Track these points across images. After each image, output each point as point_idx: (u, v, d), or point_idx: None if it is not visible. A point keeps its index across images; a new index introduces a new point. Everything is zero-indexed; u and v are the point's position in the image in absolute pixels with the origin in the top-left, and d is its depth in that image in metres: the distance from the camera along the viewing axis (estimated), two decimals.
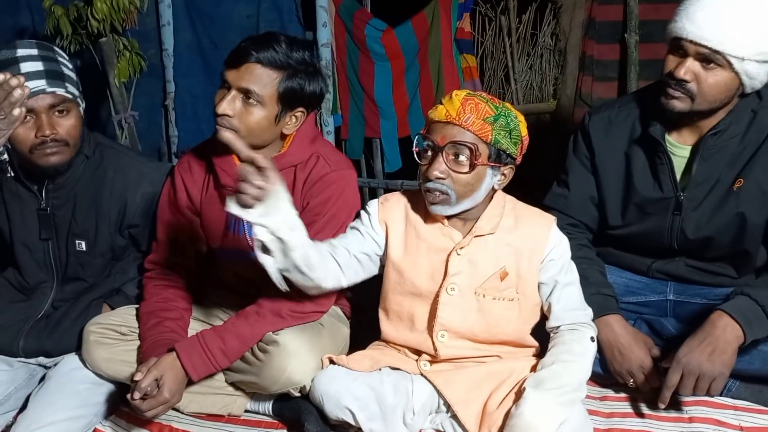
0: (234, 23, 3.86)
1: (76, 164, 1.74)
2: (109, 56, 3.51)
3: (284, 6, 3.83)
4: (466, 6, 3.65)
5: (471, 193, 1.50)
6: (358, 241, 1.60)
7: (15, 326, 1.74)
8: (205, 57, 3.97)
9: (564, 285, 1.58)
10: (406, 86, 3.87)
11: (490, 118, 1.46)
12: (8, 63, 1.59)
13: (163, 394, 1.49)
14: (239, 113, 1.54)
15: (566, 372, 1.47)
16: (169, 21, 3.84)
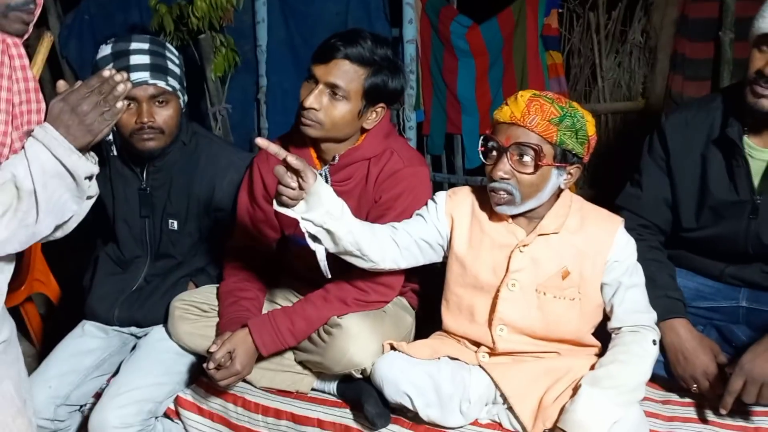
0: (324, 20, 4.00)
1: (174, 150, 1.89)
2: (207, 52, 3.73)
3: (372, 3, 3.93)
4: (554, 2, 3.61)
5: (535, 193, 1.53)
6: (420, 227, 1.65)
7: (111, 297, 1.93)
8: (296, 53, 4.13)
9: (628, 287, 1.57)
10: (489, 83, 3.88)
11: (555, 119, 1.48)
12: (121, 53, 1.75)
13: (235, 366, 1.61)
14: (326, 107, 1.63)
15: (624, 372, 1.47)
16: (264, 18, 4.03)
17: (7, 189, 1.31)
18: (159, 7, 3.61)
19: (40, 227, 1.36)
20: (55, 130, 1.33)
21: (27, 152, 1.32)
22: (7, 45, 1.34)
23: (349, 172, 1.72)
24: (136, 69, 1.74)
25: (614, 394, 1.44)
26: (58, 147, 1.32)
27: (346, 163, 1.71)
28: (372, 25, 3.94)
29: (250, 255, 1.87)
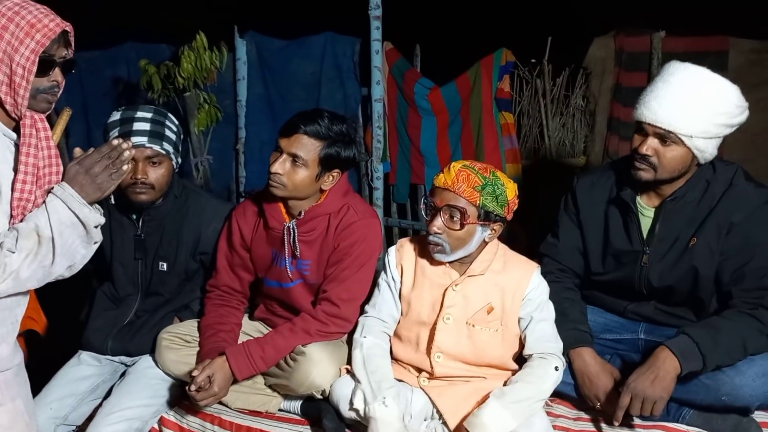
0: (300, 79, 4.37)
1: (166, 202, 2.20)
2: (191, 108, 4.08)
3: (344, 65, 4.32)
4: (506, 69, 4.02)
5: (463, 246, 1.88)
6: (390, 298, 2.01)
7: (105, 330, 2.21)
8: (273, 107, 4.48)
9: (538, 320, 1.91)
10: (449, 138, 4.26)
11: (479, 187, 1.83)
12: (127, 120, 2.08)
13: (213, 388, 1.90)
14: (288, 172, 1.96)
15: (526, 391, 1.80)
16: (244, 76, 4.39)
17: (31, 236, 1.61)
18: (148, 68, 3.96)
19: (55, 268, 1.67)
20: (72, 188, 1.65)
21: (48, 206, 1.63)
22: (35, 120, 1.66)
23: (312, 225, 2.05)
24: (137, 134, 2.06)
25: (514, 408, 1.77)
26: (73, 202, 1.63)
27: (310, 218, 2.04)
28: (343, 84, 4.33)
29: (228, 293, 2.18)
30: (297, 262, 2.06)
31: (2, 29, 1.58)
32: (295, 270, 2.07)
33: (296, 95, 4.41)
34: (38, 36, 1.60)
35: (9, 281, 1.60)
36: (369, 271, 2.03)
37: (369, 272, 2.04)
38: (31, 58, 1.60)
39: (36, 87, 1.62)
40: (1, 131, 1.64)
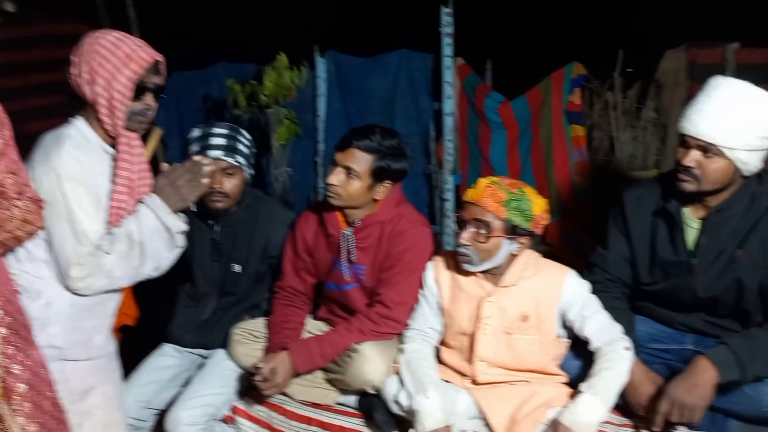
0: (376, 95, 4.57)
1: (240, 209, 2.42)
2: (273, 123, 4.35)
3: (417, 81, 4.47)
4: (577, 82, 4.06)
5: (489, 257, 1.98)
6: (430, 312, 2.13)
7: (186, 325, 2.46)
8: (351, 122, 4.68)
9: (590, 316, 1.99)
10: (519, 151, 4.33)
11: (504, 202, 1.94)
12: (205, 136, 2.32)
13: (276, 379, 2.09)
14: (343, 183, 2.14)
15: (609, 377, 1.88)
16: (323, 92, 4.64)
17: (124, 240, 1.87)
18: (234, 87, 4.27)
19: (143, 269, 1.92)
20: (159, 199, 1.90)
21: (138, 214, 1.89)
22: (129, 138, 1.92)
23: (367, 232, 2.21)
24: (213, 148, 2.31)
25: (603, 395, 1.85)
26: (160, 211, 1.88)
27: (365, 225, 2.20)
28: (417, 99, 4.48)
29: (294, 294, 2.38)
30: (353, 266, 2.23)
31: (104, 60, 1.85)
32: (351, 274, 2.24)
33: (372, 110, 4.61)
34: (134, 66, 1.86)
35: (105, 279, 1.86)
36: (420, 276, 2.17)
37: (420, 278, 2.17)
38: (127, 85, 1.86)
39: (131, 110, 1.88)
40: (102, 147, 1.92)
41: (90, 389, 1.91)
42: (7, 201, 1.58)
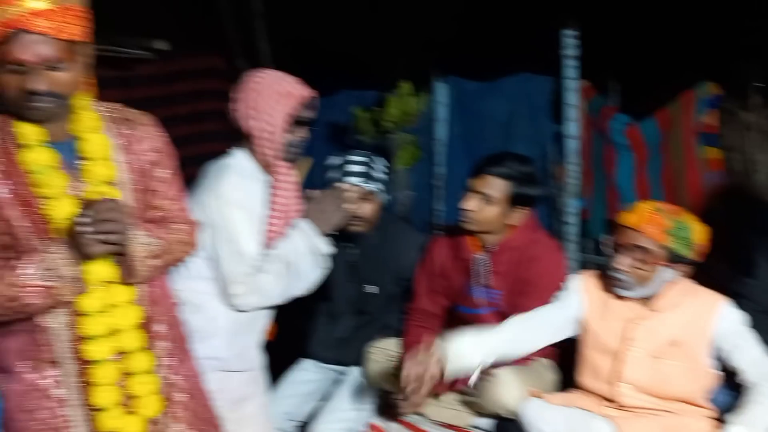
0: (495, 118, 4.60)
1: (375, 232, 2.53)
2: (395, 148, 4.50)
3: (537, 103, 4.47)
4: (711, 102, 3.90)
5: (646, 284, 1.95)
6: (556, 311, 2.12)
7: (324, 342, 2.59)
8: (470, 145, 4.75)
9: (745, 347, 1.93)
10: (648, 174, 4.19)
11: (667, 230, 1.91)
12: (344, 163, 2.45)
13: (413, 399, 2.16)
14: (478, 209, 2.20)
15: (761, 411, 1.82)
16: (443, 117, 4.74)
17: (279, 261, 2.02)
18: (359, 113, 4.47)
19: (295, 288, 2.07)
20: (309, 223, 2.04)
21: (291, 237, 2.04)
22: (285, 167, 2.08)
23: (502, 257, 2.25)
24: (352, 174, 2.44)
25: (754, 430, 1.80)
26: (310, 234, 2.03)
27: (499, 251, 2.25)
28: (537, 122, 4.47)
29: (426, 316, 2.45)
30: (487, 291, 2.27)
31: (264, 96, 2.03)
32: (485, 298, 2.28)
33: (492, 134, 4.64)
34: (291, 101, 2.04)
35: (261, 297, 2.02)
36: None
37: None
38: (285, 119, 2.03)
39: (287, 141, 2.05)
40: (259, 176, 2.09)
41: (245, 399, 2.07)
42: (173, 225, 1.74)
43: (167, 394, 1.69)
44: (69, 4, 1.47)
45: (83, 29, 1.51)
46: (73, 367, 1.58)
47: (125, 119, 1.66)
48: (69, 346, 1.57)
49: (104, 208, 1.48)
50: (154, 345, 1.67)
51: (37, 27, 1.42)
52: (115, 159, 1.61)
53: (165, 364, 1.69)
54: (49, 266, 1.49)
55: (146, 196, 1.67)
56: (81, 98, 1.60)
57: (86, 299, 1.56)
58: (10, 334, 1.58)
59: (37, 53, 1.43)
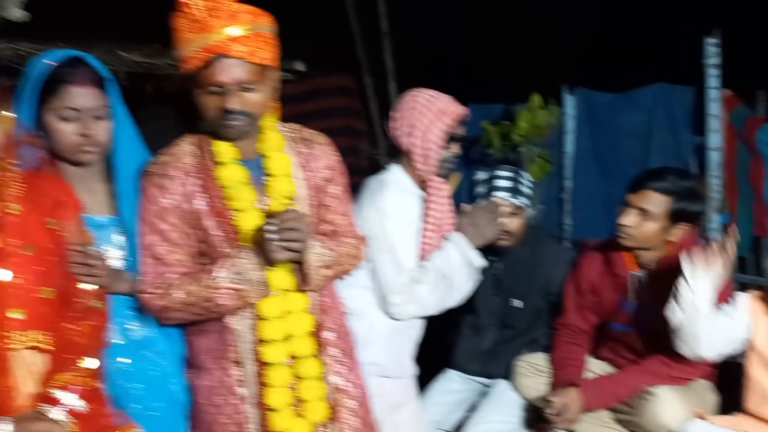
0: (629, 130, 4.48)
1: (521, 246, 2.53)
2: (525, 161, 4.48)
3: (676, 115, 4.31)
4: None
5: None
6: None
7: (469, 353, 2.63)
8: (601, 159, 4.66)
9: None
10: None
11: None
12: (491, 178, 2.49)
13: (567, 415, 2.15)
14: (636, 225, 2.16)
15: None
16: (572, 130, 4.67)
17: (434, 273, 2.09)
18: (488, 127, 4.49)
19: (449, 299, 2.13)
20: (462, 236, 2.10)
21: (445, 250, 2.11)
22: (438, 182, 2.16)
23: (659, 273, 2.19)
24: (499, 190, 2.47)
25: None
26: (464, 247, 2.08)
27: (657, 267, 2.20)
28: (676, 134, 4.32)
29: (575, 332, 2.43)
30: (642, 308, 2.23)
31: (421, 115, 2.12)
32: (640, 316, 2.23)
33: (625, 146, 4.52)
34: (446, 119, 2.11)
35: (417, 306, 2.10)
36: None
37: None
38: (441, 136, 2.11)
39: (441, 157, 2.12)
40: (414, 191, 2.18)
41: (401, 404, 2.15)
42: (343, 238, 1.83)
43: (337, 401, 1.75)
44: (261, 31, 1.62)
45: (272, 54, 1.65)
46: (252, 368, 1.70)
47: (304, 139, 1.79)
48: (250, 347, 1.70)
49: (289, 217, 1.59)
50: (324, 352, 1.75)
51: (234, 52, 1.57)
52: (295, 176, 1.74)
53: (334, 371, 1.76)
54: (239, 270, 1.63)
55: (320, 211, 1.79)
56: (268, 119, 1.75)
57: (266, 305, 1.68)
58: (202, 334, 1.74)
59: (234, 76, 1.58)
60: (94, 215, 1.69)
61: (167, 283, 1.66)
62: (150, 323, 1.75)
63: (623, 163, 4.49)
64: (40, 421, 1.41)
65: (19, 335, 1.44)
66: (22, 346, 1.44)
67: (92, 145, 1.65)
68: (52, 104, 1.62)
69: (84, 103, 1.62)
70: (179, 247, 1.68)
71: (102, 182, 1.74)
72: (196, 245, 1.70)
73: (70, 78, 1.61)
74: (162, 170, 1.68)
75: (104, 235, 1.70)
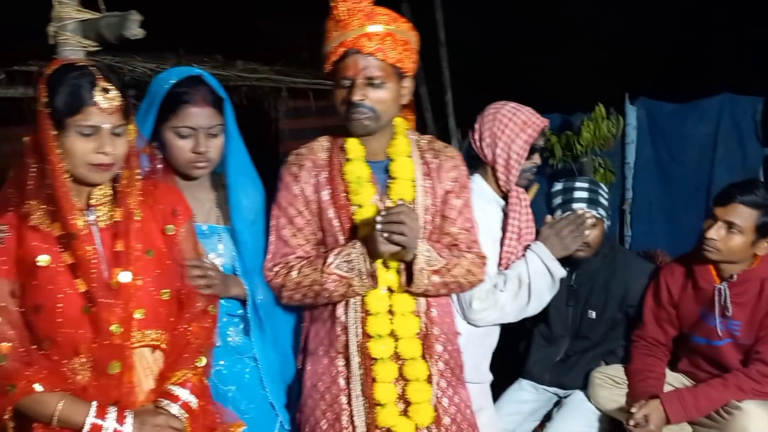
0: (693, 141, 4.41)
1: (597, 258, 2.54)
2: (587, 172, 4.45)
3: (743, 125, 4.24)
4: None
5: None
6: None
7: (543, 363, 2.63)
8: (663, 169, 4.59)
9: None
10: None
11: None
12: (569, 189, 2.51)
13: (649, 426, 2.15)
14: (722, 238, 2.16)
15: None
16: (633, 140, 4.61)
17: (514, 281, 2.12)
18: (551, 137, 4.48)
19: (528, 308, 2.15)
20: (545, 246, 2.12)
21: (527, 258, 2.13)
22: (518, 192, 2.19)
23: (745, 288, 2.19)
24: (577, 201, 2.48)
25: None
26: (545, 257, 2.11)
27: (742, 281, 2.19)
28: (742, 144, 4.25)
29: (654, 344, 2.42)
30: (727, 321, 2.22)
31: (504, 126, 2.16)
32: (725, 329, 2.22)
33: (689, 157, 4.46)
34: (529, 131, 2.15)
35: (497, 313, 2.13)
36: None
37: None
38: (524, 147, 2.15)
39: (523, 168, 2.16)
40: (495, 200, 2.21)
41: (480, 409, 2.16)
42: (460, 252, 1.84)
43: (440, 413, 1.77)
44: (395, 33, 1.71)
45: (404, 57, 1.73)
46: (358, 361, 1.76)
47: (433, 149, 1.86)
48: (357, 341, 1.76)
49: (396, 210, 1.65)
50: (431, 361, 1.78)
51: (365, 48, 1.69)
52: (417, 182, 1.80)
53: (439, 385, 1.78)
54: (349, 260, 1.71)
55: (440, 221, 1.83)
56: (400, 125, 1.84)
57: (373, 300, 1.75)
58: (316, 322, 1.83)
59: (361, 69, 1.69)
60: (200, 223, 1.78)
61: (289, 265, 1.77)
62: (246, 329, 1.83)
63: (686, 173, 4.45)
64: (160, 415, 1.49)
65: (139, 334, 1.52)
66: (142, 344, 1.53)
67: (205, 161, 1.75)
68: (172, 122, 1.72)
69: (200, 123, 1.72)
70: (302, 232, 1.80)
71: (208, 192, 1.84)
72: (317, 233, 1.81)
73: (190, 98, 1.71)
74: (298, 161, 1.82)
75: (210, 242, 1.79)
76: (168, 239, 1.59)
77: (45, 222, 1.48)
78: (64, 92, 1.41)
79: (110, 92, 1.43)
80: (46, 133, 1.42)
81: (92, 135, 1.43)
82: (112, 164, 1.47)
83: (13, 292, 1.49)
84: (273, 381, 1.87)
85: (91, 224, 1.50)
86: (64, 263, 1.48)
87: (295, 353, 1.90)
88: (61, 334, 1.47)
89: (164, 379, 1.55)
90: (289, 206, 1.81)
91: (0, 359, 1.45)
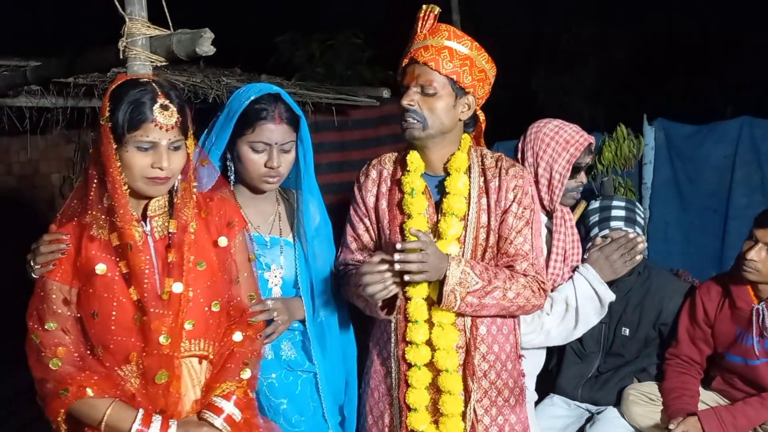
0: (711, 162, 4.46)
1: (632, 276, 2.53)
2: (608, 191, 4.48)
3: (762, 148, 4.30)
4: None
5: None
6: None
7: (575, 380, 2.65)
8: (681, 190, 4.63)
9: None
10: None
11: None
12: (605, 208, 2.49)
13: None
14: (763, 260, 2.19)
15: None
16: (651, 161, 4.66)
17: (561, 304, 2.15)
18: None
19: (575, 332, 2.18)
20: (593, 269, 2.15)
21: (574, 281, 2.16)
22: (563, 212, 2.22)
23: None
24: (615, 219, 2.50)
25: None
26: (594, 280, 2.14)
27: None
28: (761, 167, 4.30)
29: (688, 363, 2.45)
30: (764, 341, 2.25)
31: (546, 145, 2.20)
32: (762, 349, 2.26)
33: (706, 179, 4.51)
34: (572, 149, 2.18)
35: (542, 336, 2.15)
36: None
37: None
38: (566, 167, 2.18)
39: (566, 187, 2.19)
40: (541, 220, 2.24)
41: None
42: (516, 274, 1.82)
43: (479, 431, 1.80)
44: (454, 47, 1.78)
45: (461, 71, 1.77)
46: (397, 364, 1.83)
47: (494, 167, 1.88)
48: (397, 346, 1.83)
49: (411, 247, 1.66)
50: (471, 378, 1.80)
51: (421, 57, 1.78)
52: (472, 199, 1.83)
53: (478, 400, 1.79)
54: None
55: (495, 240, 1.84)
56: (464, 141, 1.89)
57: (414, 308, 1.80)
58: (373, 322, 1.92)
59: (415, 77, 1.77)
60: (263, 234, 1.82)
61: (346, 270, 1.87)
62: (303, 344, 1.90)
63: (703, 195, 4.50)
64: (203, 426, 1.52)
65: (188, 344, 1.55)
66: (190, 354, 1.56)
67: (276, 176, 1.81)
68: (248, 136, 1.78)
69: (275, 138, 1.78)
70: (361, 239, 1.91)
71: (273, 205, 1.89)
72: (374, 240, 1.91)
73: (267, 115, 1.77)
74: (366, 171, 1.96)
75: (272, 253, 1.83)
76: (220, 251, 1.62)
77: (104, 232, 1.52)
78: (125, 108, 1.45)
79: (169, 109, 1.47)
80: (107, 147, 1.47)
81: (150, 150, 1.48)
82: (168, 178, 1.52)
83: (66, 300, 1.53)
84: (330, 396, 1.91)
85: (147, 234, 1.54)
86: (119, 272, 1.52)
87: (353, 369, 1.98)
88: (114, 341, 1.51)
89: (210, 389, 1.58)
90: (354, 213, 1.92)
91: (54, 363, 1.49)
